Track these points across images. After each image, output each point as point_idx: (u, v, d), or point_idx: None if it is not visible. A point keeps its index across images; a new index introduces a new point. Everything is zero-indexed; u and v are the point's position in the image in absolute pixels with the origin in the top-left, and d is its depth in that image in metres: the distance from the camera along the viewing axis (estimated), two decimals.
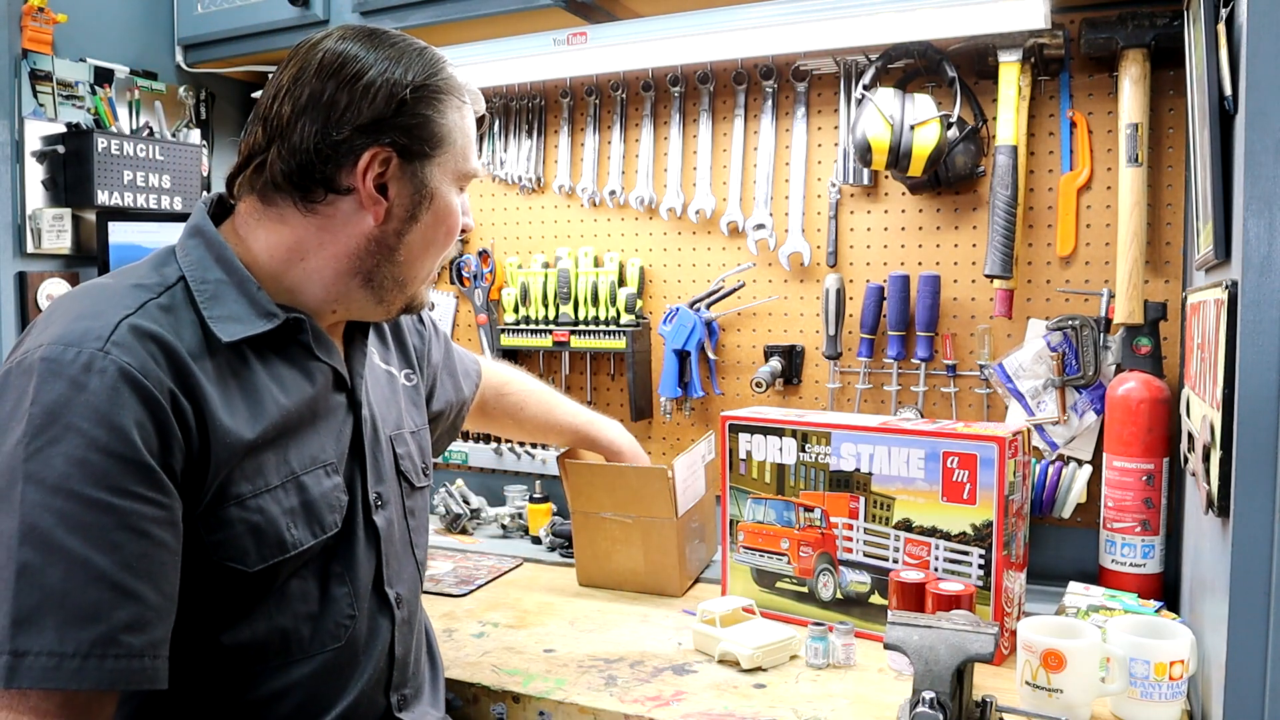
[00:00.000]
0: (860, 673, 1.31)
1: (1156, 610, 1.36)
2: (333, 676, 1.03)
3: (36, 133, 1.91)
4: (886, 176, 1.79)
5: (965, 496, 1.34)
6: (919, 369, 1.76)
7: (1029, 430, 1.46)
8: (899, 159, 1.63)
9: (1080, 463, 1.65)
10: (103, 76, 2.02)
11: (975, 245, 1.74)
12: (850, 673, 1.31)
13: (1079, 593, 1.44)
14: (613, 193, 2.02)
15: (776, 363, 1.87)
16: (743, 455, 1.53)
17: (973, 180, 1.72)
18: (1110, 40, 1.54)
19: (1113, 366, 1.60)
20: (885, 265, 1.81)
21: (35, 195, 1.92)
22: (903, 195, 1.79)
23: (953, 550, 1.35)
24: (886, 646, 1.09)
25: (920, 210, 1.78)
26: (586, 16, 1.79)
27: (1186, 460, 1.31)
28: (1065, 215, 1.66)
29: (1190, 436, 1.24)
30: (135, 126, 2.06)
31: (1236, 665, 0.95)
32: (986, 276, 1.65)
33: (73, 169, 1.92)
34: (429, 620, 1.26)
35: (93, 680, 0.80)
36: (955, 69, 1.67)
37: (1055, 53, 1.62)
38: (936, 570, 1.36)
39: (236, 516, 0.93)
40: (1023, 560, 1.41)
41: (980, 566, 1.33)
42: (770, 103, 1.87)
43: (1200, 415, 1.14)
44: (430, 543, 1.85)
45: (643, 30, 1.77)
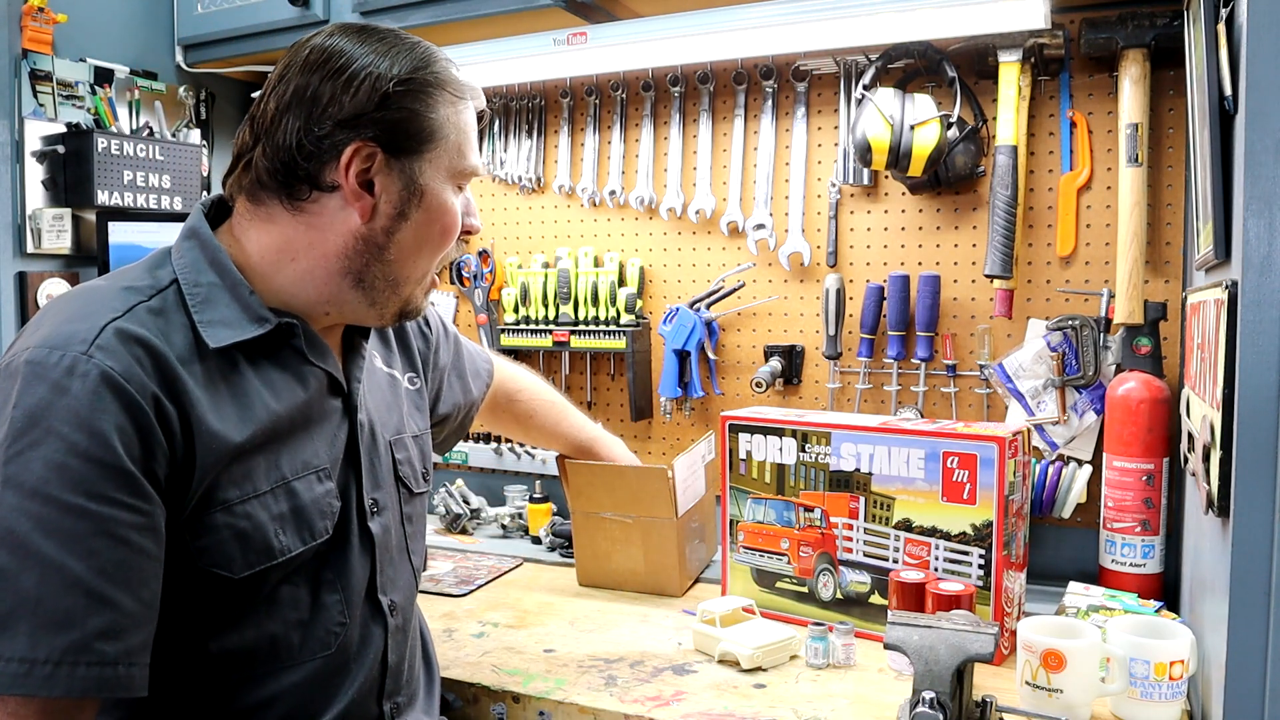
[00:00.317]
0: (860, 673, 1.31)
1: (1156, 610, 1.36)
2: (323, 684, 1.01)
3: (36, 133, 1.91)
4: (886, 176, 1.79)
5: (965, 496, 1.34)
6: (919, 369, 1.76)
7: (1029, 430, 1.46)
8: (899, 159, 1.63)
9: (1080, 463, 1.65)
10: (103, 76, 2.02)
11: (975, 245, 1.74)
12: (850, 673, 1.31)
13: (1079, 593, 1.44)
14: (613, 193, 2.02)
15: (776, 363, 1.87)
16: (743, 455, 1.53)
17: (973, 180, 1.72)
18: (1110, 40, 1.54)
19: (1113, 366, 1.60)
20: (885, 265, 1.81)
21: (35, 195, 1.92)
22: (903, 195, 1.79)
23: (953, 550, 1.35)
24: (886, 646, 1.09)
25: (920, 210, 1.78)
26: (586, 16, 1.79)
27: (1186, 460, 1.31)
28: (1065, 215, 1.66)
29: (1190, 436, 1.24)
30: (135, 126, 2.06)
31: (1236, 665, 0.95)
32: (986, 276, 1.65)
33: (73, 169, 1.92)
34: (426, 625, 1.25)
35: (64, 688, 0.79)
36: (955, 69, 1.67)
37: (1055, 53, 1.62)
38: (936, 570, 1.36)
39: (222, 522, 0.92)
40: (1023, 560, 1.41)
41: (980, 566, 1.33)
42: (770, 103, 1.87)
43: (1200, 415, 1.14)
44: (430, 543, 1.87)
45: (643, 30, 1.77)
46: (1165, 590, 1.53)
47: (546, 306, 2.06)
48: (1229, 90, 1.02)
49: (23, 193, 1.90)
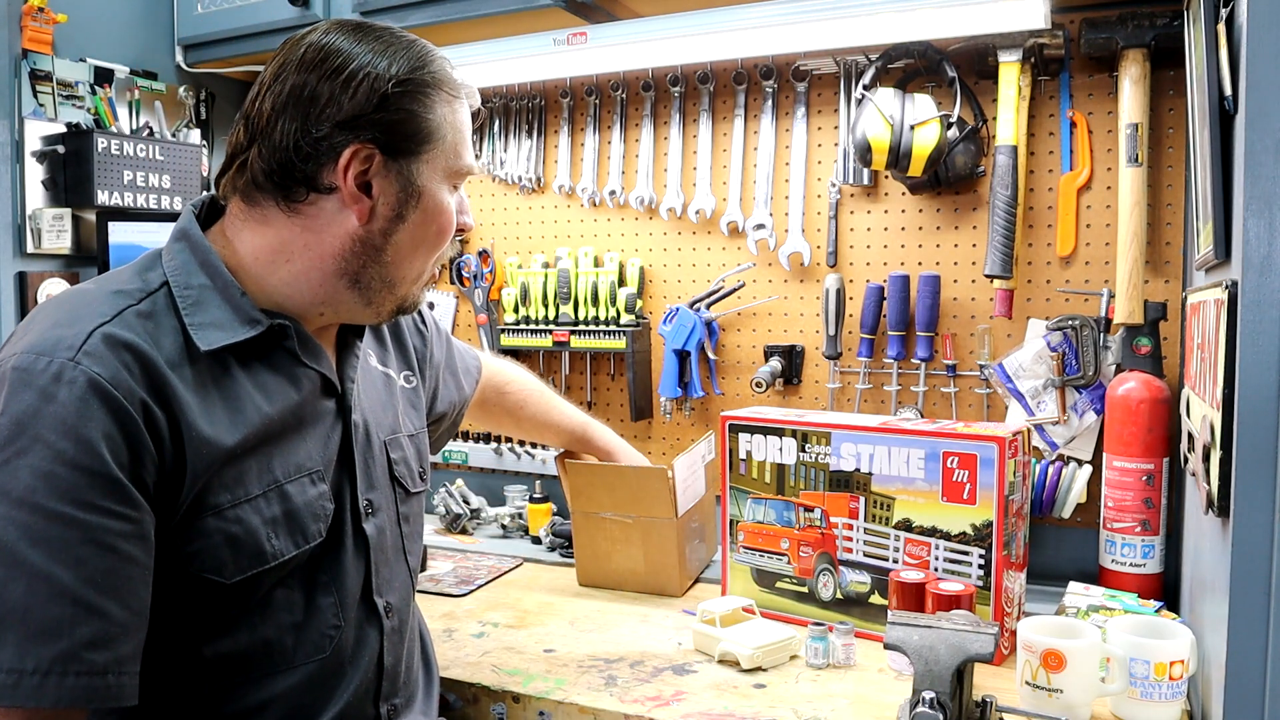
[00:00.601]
0: (860, 673, 1.31)
1: (1156, 610, 1.36)
2: (318, 688, 1.00)
3: (36, 133, 1.91)
4: (886, 176, 1.79)
5: (965, 496, 1.34)
6: (919, 369, 1.76)
7: (1029, 430, 1.46)
8: (899, 159, 1.63)
9: (1080, 463, 1.65)
10: (103, 76, 2.02)
11: (975, 245, 1.74)
12: (850, 673, 1.31)
13: (1079, 593, 1.44)
14: (613, 193, 2.02)
15: (776, 363, 1.87)
16: (743, 455, 1.53)
17: (973, 180, 1.72)
18: (1110, 40, 1.54)
19: (1113, 366, 1.60)
20: (885, 265, 1.81)
21: (35, 195, 1.91)
22: (903, 195, 1.79)
23: (953, 550, 1.35)
24: (886, 646, 1.09)
25: (920, 210, 1.78)
26: (586, 16, 1.79)
27: (1186, 460, 1.31)
28: (1065, 215, 1.66)
29: (1190, 436, 1.24)
30: (135, 126, 2.06)
31: (1236, 665, 0.95)
32: (986, 276, 1.65)
33: (73, 169, 1.92)
34: (425, 626, 1.25)
35: (53, 698, 0.79)
36: (955, 69, 1.67)
37: (1055, 53, 1.62)
38: (936, 570, 1.36)
39: (214, 527, 0.91)
40: (1023, 560, 1.41)
41: (980, 566, 1.33)
42: (770, 103, 1.87)
43: (1200, 415, 1.14)
44: (430, 543, 1.87)
45: (643, 30, 1.77)
46: (1165, 590, 1.53)
47: (546, 306, 2.06)
48: (1229, 90, 1.02)
49: (23, 193, 1.90)
